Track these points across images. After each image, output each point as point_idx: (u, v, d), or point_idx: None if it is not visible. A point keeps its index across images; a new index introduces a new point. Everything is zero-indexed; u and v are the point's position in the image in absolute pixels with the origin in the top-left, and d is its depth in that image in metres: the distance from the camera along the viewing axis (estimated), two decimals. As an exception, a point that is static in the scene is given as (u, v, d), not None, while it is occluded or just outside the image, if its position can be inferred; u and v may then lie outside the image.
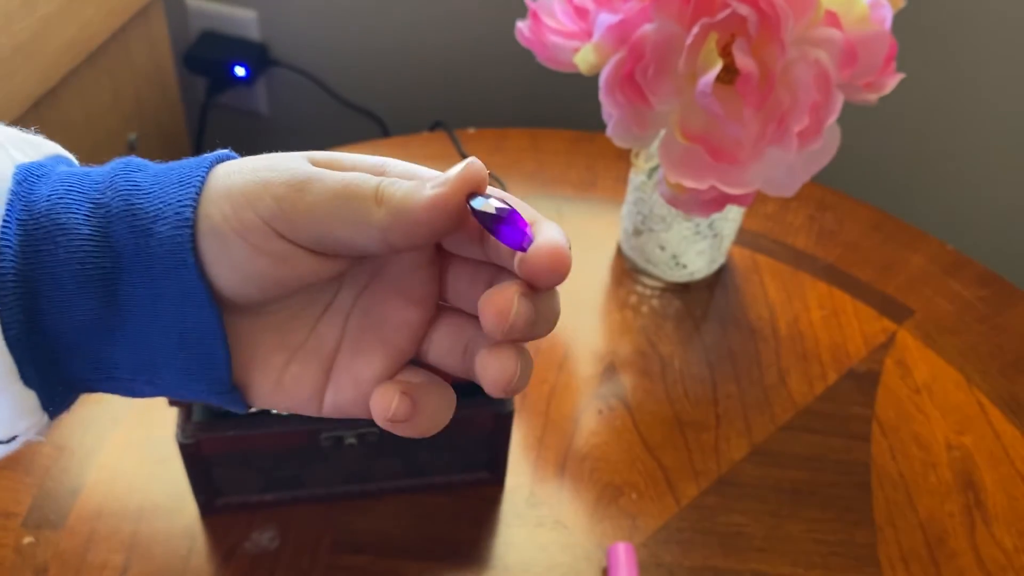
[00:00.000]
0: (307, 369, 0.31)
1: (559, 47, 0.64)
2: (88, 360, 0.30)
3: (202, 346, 0.29)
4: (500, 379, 0.28)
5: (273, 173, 0.28)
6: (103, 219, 0.28)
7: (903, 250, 0.84)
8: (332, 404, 0.31)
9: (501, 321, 0.27)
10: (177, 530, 0.60)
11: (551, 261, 0.26)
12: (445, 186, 0.27)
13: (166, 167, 0.30)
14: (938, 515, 0.64)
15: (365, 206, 0.27)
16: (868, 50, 0.58)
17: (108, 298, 0.28)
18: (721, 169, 0.59)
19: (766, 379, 0.72)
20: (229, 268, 0.29)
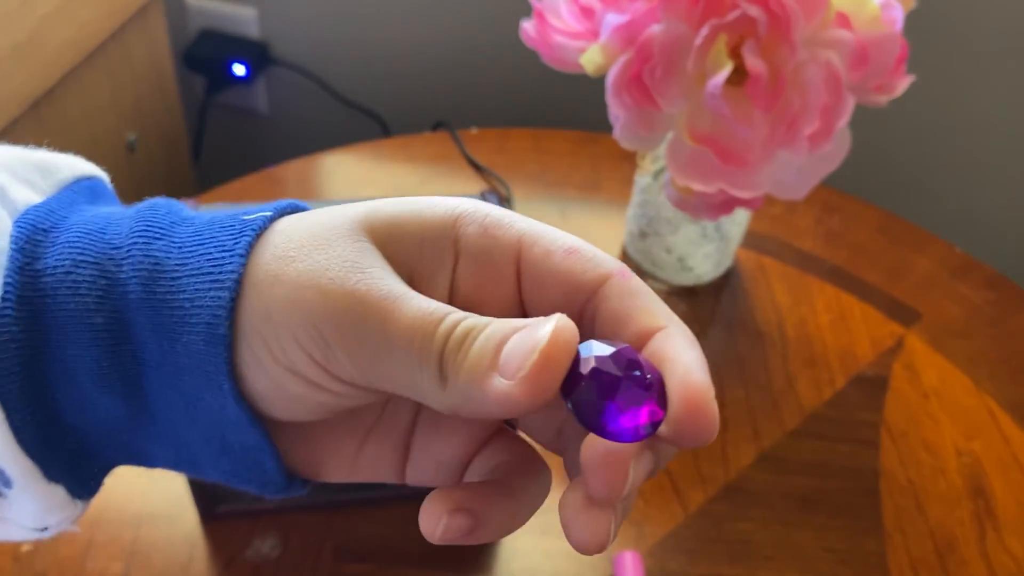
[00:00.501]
0: (382, 450, 0.27)
1: (565, 47, 0.63)
2: (121, 453, 0.27)
3: (249, 458, 0.26)
4: (589, 546, 0.22)
5: (322, 303, 0.23)
6: (119, 304, 0.24)
7: (911, 253, 0.83)
8: (416, 480, 0.27)
9: (613, 493, 0.21)
10: (177, 537, 0.59)
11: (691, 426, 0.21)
12: (518, 385, 0.21)
13: (192, 233, 0.25)
14: (948, 522, 0.63)
15: (425, 382, 0.22)
16: (879, 51, 0.57)
17: (133, 397, 0.25)
18: (730, 172, 0.58)
19: (774, 384, 0.71)
20: (275, 397, 0.24)
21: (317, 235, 0.24)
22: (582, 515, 0.22)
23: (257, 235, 0.24)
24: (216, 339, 0.23)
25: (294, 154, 0.92)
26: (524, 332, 0.22)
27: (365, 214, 0.25)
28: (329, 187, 0.86)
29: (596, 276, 0.24)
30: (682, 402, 0.21)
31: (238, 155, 1.26)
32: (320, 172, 0.88)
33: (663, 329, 0.23)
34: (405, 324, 0.22)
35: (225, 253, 0.24)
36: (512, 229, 0.24)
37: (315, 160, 0.88)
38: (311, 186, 0.86)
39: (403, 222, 0.25)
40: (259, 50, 1.15)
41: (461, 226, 0.24)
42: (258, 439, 0.25)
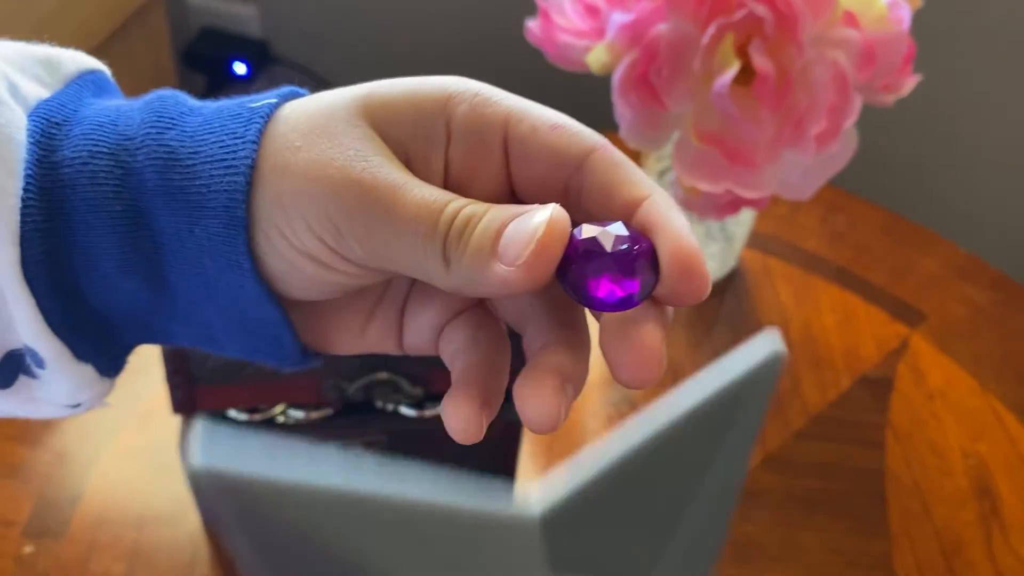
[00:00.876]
0: (386, 322, 0.29)
1: (570, 46, 0.62)
2: (144, 333, 0.28)
3: (267, 333, 0.27)
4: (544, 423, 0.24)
5: (332, 192, 0.24)
6: (136, 192, 0.25)
7: (915, 253, 0.83)
8: (410, 348, 0.29)
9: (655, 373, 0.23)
10: (180, 539, 0.59)
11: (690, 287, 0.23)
12: (517, 271, 0.23)
13: (202, 122, 0.26)
14: (954, 524, 0.63)
15: (430, 266, 0.24)
16: (886, 51, 0.57)
17: (154, 280, 0.26)
18: (736, 172, 0.58)
19: (779, 385, 0.71)
20: (290, 277, 0.26)
21: (320, 123, 0.25)
22: (538, 394, 0.24)
23: (266, 121, 0.25)
24: (235, 222, 0.25)
25: (296, 153, 0.92)
26: (521, 220, 0.23)
27: (363, 98, 0.26)
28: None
29: (580, 150, 0.25)
30: (674, 265, 0.23)
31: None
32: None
33: (647, 198, 0.24)
34: (410, 212, 0.24)
35: (237, 140, 0.25)
36: (500, 106, 0.25)
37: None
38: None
39: (398, 105, 0.26)
40: (260, 48, 1.15)
41: (452, 106, 0.26)
42: (275, 315, 0.26)
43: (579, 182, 0.25)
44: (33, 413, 0.29)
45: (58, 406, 0.28)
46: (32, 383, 0.27)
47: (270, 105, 0.26)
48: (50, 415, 0.29)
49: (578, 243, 0.23)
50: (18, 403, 0.28)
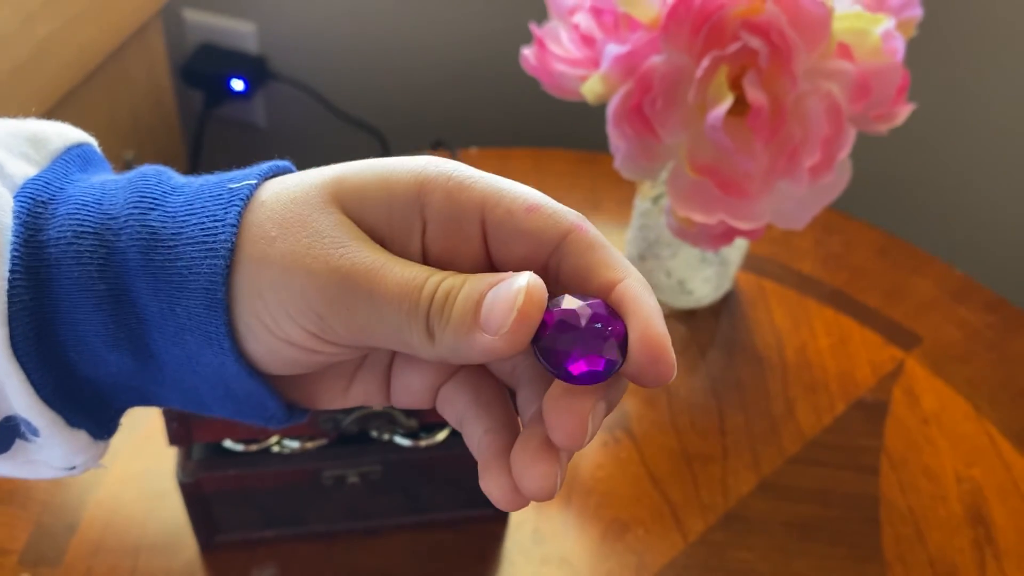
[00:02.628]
0: (369, 385, 0.30)
1: (565, 75, 0.63)
2: (135, 396, 0.29)
3: (251, 401, 0.28)
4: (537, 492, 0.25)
5: (311, 283, 0.25)
6: (120, 271, 0.26)
7: (910, 275, 0.83)
8: (400, 404, 0.30)
9: (576, 441, 0.24)
10: (176, 567, 0.59)
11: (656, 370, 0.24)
12: (501, 339, 0.24)
13: (184, 203, 0.27)
14: (948, 550, 0.63)
15: (415, 340, 0.25)
16: (881, 82, 0.57)
17: (140, 353, 0.27)
18: (730, 202, 0.58)
19: (774, 409, 0.71)
20: (272, 360, 0.26)
21: (294, 212, 0.26)
22: (532, 466, 0.25)
23: (245, 204, 0.26)
24: (215, 303, 0.25)
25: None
26: (499, 288, 0.24)
27: (334, 184, 0.26)
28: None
29: (557, 233, 0.25)
30: (643, 350, 0.24)
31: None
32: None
33: (622, 281, 0.25)
34: (391, 291, 0.25)
35: (217, 223, 0.26)
36: (474, 191, 0.26)
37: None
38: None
39: (370, 193, 0.26)
40: (258, 65, 1.15)
41: (426, 194, 0.26)
42: (258, 388, 0.27)
43: (557, 262, 0.26)
44: (32, 474, 0.29)
45: (55, 468, 0.29)
46: (29, 447, 0.28)
47: (250, 187, 0.26)
48: (49, 476, 0.30)
49: (555, 314, 0.24)
50: (16, 466, 0.29)
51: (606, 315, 0.24)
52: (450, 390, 0.29)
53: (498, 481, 0.26)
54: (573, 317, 0.24)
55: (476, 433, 0.27)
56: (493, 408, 0.28)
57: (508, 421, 0.27)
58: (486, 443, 0.27)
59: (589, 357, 0.24)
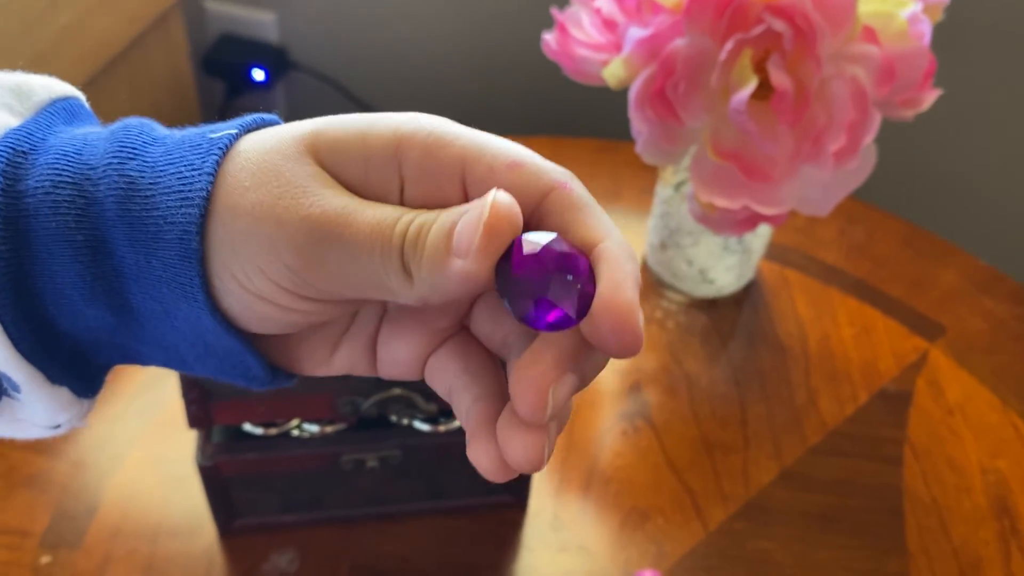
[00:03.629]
0: (353, 352, 0.29)
1: (586, 60, 0.62)
2: (116, 353, 0.28)
3: (232, 358, 0.27)
4: (523, 463, 0.24)
5: (280, 233, 0.24)
6: (97, 222, 0.25)
7: (935, 265, 0.82)
8: (386, 375, 0.29)
9: (537, 414, 0.23)
10: (195, 551, 0.59)
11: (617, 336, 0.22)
12: (468, 259, 0.23)
13: (163, 152, 0.26)
14: (972, 542, 0.62)
15: (392, 282, 0.24)
16: (907, 66, 0.56)
17: (119, 306, 0.26)
18: (754, 187, 0.57)
19: (796, 399, 0.70)
20: (252, 320, 0.26)
21: (268, 161, 0.25)
22: (517, 435, 0.24)
23: (224, 153, 0.25)
24: (189, 254, 0.25)
25: (313, 162, 0.92)
26: (468, 211, 0.23)
27: (312, 136, 0.25)
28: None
29: (539, 189, 0.25)
30: (606, 313, 0.22)
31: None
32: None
33: (601, 243, 0.24)
34: (363, 235, 0.24)
35: (194, 172, 0.25)
36: (455, 147, 0.25)
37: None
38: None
39: (347, 147, 0.25)
40: (278, 55, 1.15)
41: (404, 151, 0.25)
42: (236, 344, 0.26)
43: (538, 220, 0.25)
44: (19, 433, 0.29)
45: (40, 427, 0.29)
46: (14, 405, 0.28)
47: (229, 136, 0.26)
48: (35, 435, 0.29)
49: (524, 250, 0.23)
50: (4, 424, 0.28)
51: (580, 267, 0.23)
52: (439, 359, 0.28)
53: (486, 450, 0.25)
54: (543, 257, 0.23)
55: (465, 402, 0.27)
56: (483, 377, 0.27)
57: (498, 390, 0.27)
58: (475, 412, 0.26)
59: (547, 303, 0.23)
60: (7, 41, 0.77)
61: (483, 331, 0.28)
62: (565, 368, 0.23)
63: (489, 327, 0.28)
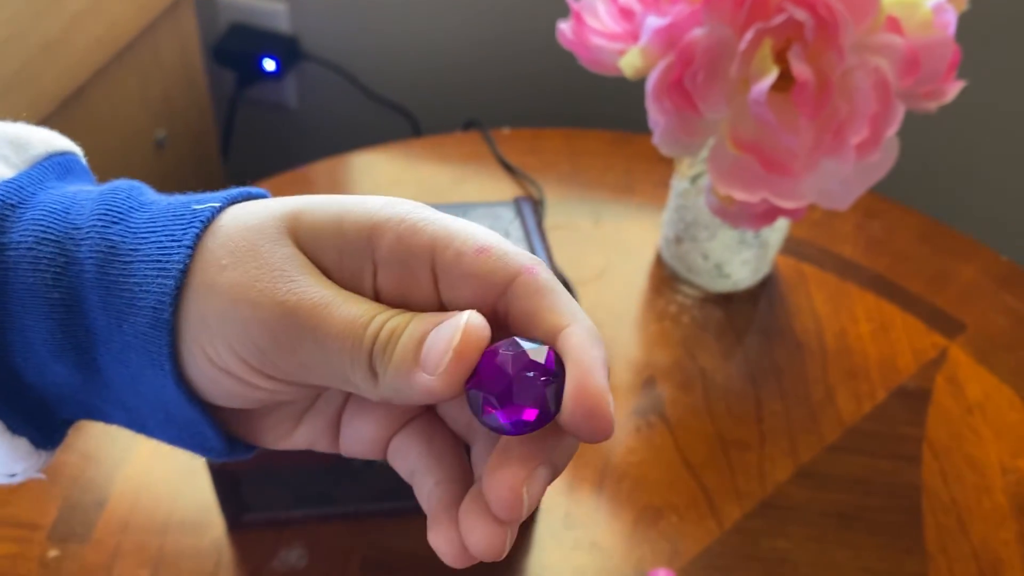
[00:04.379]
0: (315, 429, 0.29)
1: (603, 50, 0.61)
2: (80, 409, 0.29)
3: (191, 428, 0.28)
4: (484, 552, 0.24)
5: (255, 315, 0.24)
6: (75, 282, 0.26)
7: (954, 261, 0.80)
8: (349, 453, 0.29)
9: (512, 514, 0.23)
10: (204, 545, 0.58)
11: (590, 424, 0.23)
12: (435, 377, 0.23)
13: (147, 219, 0.26)
14: (992, 543, 0.61)
15: (358, 379, 0.25)
16: (931, 57, 0.55)
17: (86, 366, 0.27)
18: (773, 180, 0.56)
19: (813, 396, 0.69)
20: (212, 390, 0.26)
21: (248, 241, 0.25)
22: (479, 524, 0.24)
23: (205, 226, 0.26)
24: (160, 323, 0.25)
25: (323, 150, 0.91)
26: (440, 329, 0.24)
27: (291, 218, 0.26)
28: (360, 188, 0.85)
29: (505, 275, 0.25)
30: (577, 404, 0.23)
31: (267, 151, 1.25)
32: (351, 172, 0.87)
33: (566, 328, 0.24)
34: (336, 330, 0.24)
35: (174, 243, 0.25)
36: (424, 235, 0.25)
37: (346, 160, 0.87)
38: (342, 186, 0.85)
39: (323, 232, 0.26)
40: (289, 45, 1.14)
41: (377, 238, 0.25)
42: (197, 416, 0.27)
43: (505, 306, 0.25)
44: None
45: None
46: None
47: (212, 209, 0.26)
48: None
49: (487, 359, 0.23)
50: None
51: (543, 363, 0.23)
52: (402, 441, 0.28)
53: (447, 535, 0.25)
54: (504, 363, 0.23)
55: (427, 485, 0.27)
56: (445, 460, 0.27)
57: (460, 475, 0.27)
58: (436, 495, 0.26)
59: (513, 407, 0.23)
60: (17, 28, 0.77)
61: (449, 414, 0.28)
62: (537, 463, 0.24)
63: (456, 411, 0.28)
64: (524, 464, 0.23)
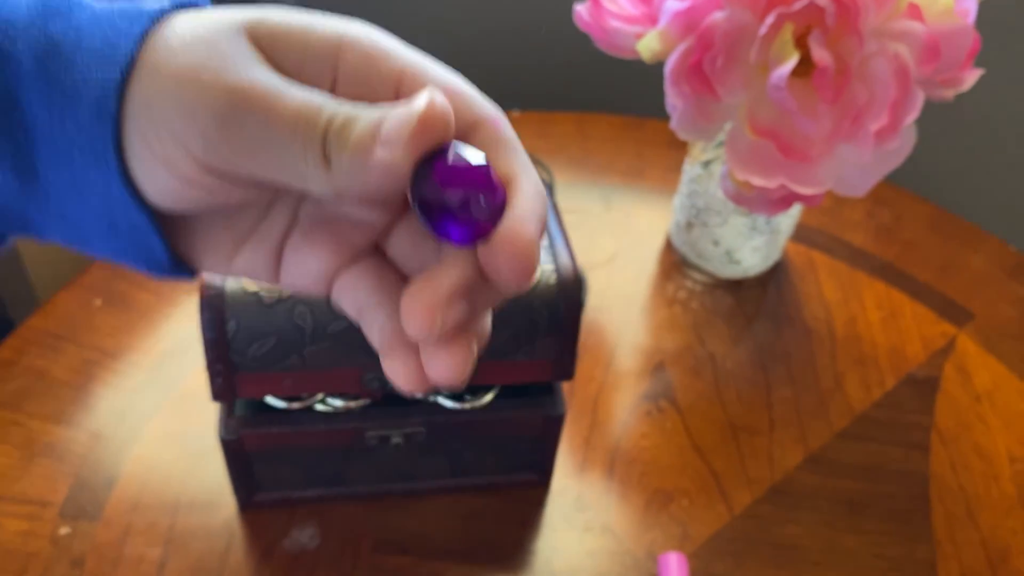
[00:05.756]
0: (257, 256, 0.29)
1: (620, 33, 0.61)
2: (15, 223, 0.28)
3: (136, 237, 0.27)
4: (447, 377, 0.25)
5: (201, 98, 0.24)
6: (12, 78, 0.25)
7: (963, 250, 0.81)
8: (289, 286, 0.29)
9: (424, 331, 0.24)
10: (215, 525, 0.58)
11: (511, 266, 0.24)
12: (395, 148, 0.23)
13: (91, 16, 0.25)
14: (1000, 531, 0.61)
15: (309, 166, 0.24)
16: (951, 45, 0.55)
17: (25, 171, 0.26)
18: (791, 166, 0.56)
19: (822, 383, 0.69)
20: (157, 191, 0.25)
21: (202, 33, 0.25)
22: (442, 352, 0.25)
23: (156, 20, 0.25)
24: (105, 115, 0.24)
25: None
26: (401, 104, 0.24)
27: (253, 20, 0.25)
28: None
29: (471, 119, 0.25)
30: (504, 244, 0.23)
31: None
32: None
33: (518, 179, 0.25)
34: (289, 112, 0.24)
35: (120, 36, 0.25)
36: (396, 61, 0.25)
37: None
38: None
39: (288, 35, 0.25)
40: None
41: (345, 51, 0.25)
42: (142, 220, 0.26)
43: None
44: None
45: None
46: None
47: (162, 9, 0.26)
48: None
49: (443, 164, 0.23)
50: None
51: (497, 194, 0.24)
52: (350, 278, 0.28)
53: (404, 363, 0.26)
54: (468, 172, 0.23)
55: (378, 319, 0.27)
56: (396, 296, 0.27)
57: None
58: (389, 327, 0.27)
59: (458, 217, 0.24)
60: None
61: (401, 253, 0.28)
62: (457, 294, 0.24)
63: (408, 249, 0.28)
64: (446, 290, 0.24)
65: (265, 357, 0.49)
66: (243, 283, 0.49)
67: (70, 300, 0.71)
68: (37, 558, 0.56)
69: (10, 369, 0.66)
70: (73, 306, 0.70)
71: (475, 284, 0.25)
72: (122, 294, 0.72)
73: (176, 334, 0.69)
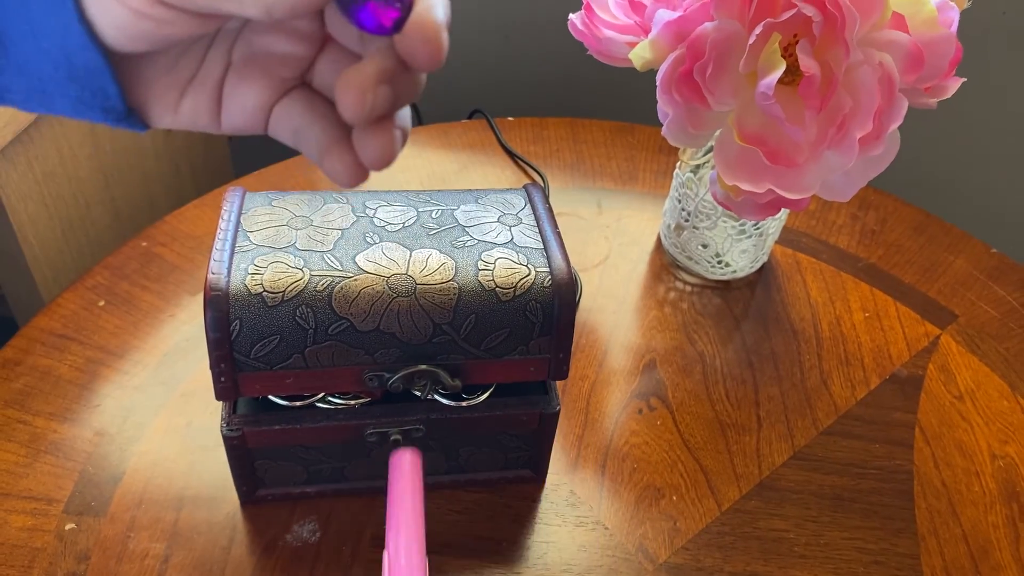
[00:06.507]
0: (199, 100, 0.32)
1: (613, 42, 0.62)
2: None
3: (92, 81, 0.29)
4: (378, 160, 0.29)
5: None
6: None
7: (946, 252, 0.83)
8: (230, 127, 0.32)
9: (356, 111, 0.27)
10: (218, 520, 0.60)
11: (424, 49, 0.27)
12: None
13: None
14: (982, 526, 0.63)
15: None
16: (934, 53, 0.57)
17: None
18: (778, 172, 0.58)
19: (808, 382, 0.71)
20: (111, 26, 0.28)
21: None
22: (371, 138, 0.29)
23: None
24: None
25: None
26: None
27: None
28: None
29: None
30: (417, 29, 0.27)
31: None
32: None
33: None
34: None
35: None
36: None
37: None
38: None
39: None
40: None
41: None
42: (98, 61, 0.28)
43: None
44: None
45: None
46: None
47: None
48: None
49: None
50: None
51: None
52: (284, 108, 0.31)
53: (341, 157, 0.30)
54: None
55: (314, 132, 0.30)
56: (328, 115, 0.31)
57: (343, 122, 0.30)
58: (325, 136, 0.30)
59: (376, 8, 0.27)
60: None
61: (326, 82, 0.32)
62: (381, 78, 0.28)
63: (331, 78, 0.31)
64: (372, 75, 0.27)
65: (268, 356, 0.51)
66: (247, 284, 0.50)
67: (74, 300, 0.72)
68: (43, 553, 0.57)
69: (15, 368, 0.67)
70: (77, 306, 0.72)
71: (396, 72, 0.28)
72: (125, 295, 0.73)
73: (178, 334, 0.70)
